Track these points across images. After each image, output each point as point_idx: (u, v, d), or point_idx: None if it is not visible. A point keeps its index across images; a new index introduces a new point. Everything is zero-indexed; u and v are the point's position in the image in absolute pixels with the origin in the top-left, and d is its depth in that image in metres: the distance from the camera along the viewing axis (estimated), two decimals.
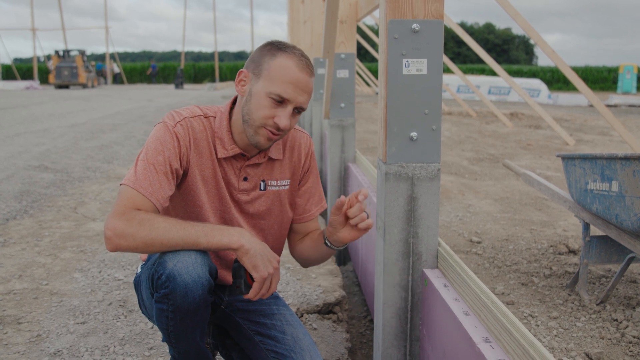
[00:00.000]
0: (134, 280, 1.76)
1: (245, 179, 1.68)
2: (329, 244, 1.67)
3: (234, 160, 1.66)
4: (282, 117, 1.53)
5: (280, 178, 1.74)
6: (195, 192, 1.63)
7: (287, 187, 1.76)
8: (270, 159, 1.71)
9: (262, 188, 1.71)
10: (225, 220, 1.69)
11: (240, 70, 1.62)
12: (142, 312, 1.77)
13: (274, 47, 1.57)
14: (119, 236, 1.41)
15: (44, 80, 38.18)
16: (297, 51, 1.57)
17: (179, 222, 1.45)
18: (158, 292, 1.46)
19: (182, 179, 1.62)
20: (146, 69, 45.06)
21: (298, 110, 1.57)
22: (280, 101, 1.53)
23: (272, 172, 1.73)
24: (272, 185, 1.73)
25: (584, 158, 2.52)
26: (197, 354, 1.61)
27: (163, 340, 1.58)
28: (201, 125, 1.62)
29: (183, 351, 1.58)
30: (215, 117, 1.65)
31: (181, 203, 1.66)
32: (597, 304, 2.52)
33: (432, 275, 1.70)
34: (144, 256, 1.78)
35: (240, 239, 1.45)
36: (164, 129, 1.57)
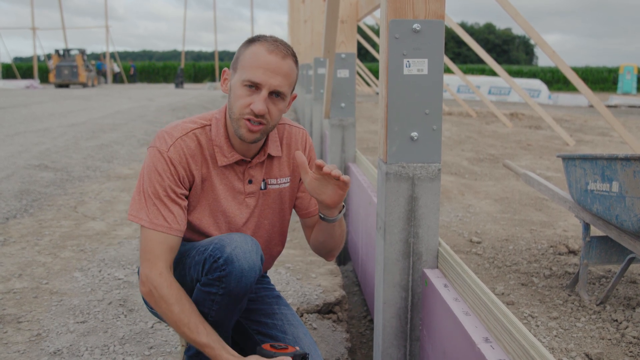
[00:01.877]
0: None
1: (250, 181, 1.68)
2: (322, 216, 1.66)
3: (236, 166, 1.66)
4: (257, 101, 1.52)
5: (279, 176, 1.74)
6: (195, 207, 1.64)
7: (288, 184, 1.76)
8: (269, 156, 1.71)
9: (262, 187, 1.71)
10: (231, 228, 1.68)
11: (224, 69, 1.64)
12: (151, 308, 1.76)
13: (249, 40, 1.59)
14: (144, 296, 1.55)
15: (44, 79, 38.14)
16: (270, 38, 1.57)
17: (191, 322, 1.48)
18: (211, 274, 1.49)
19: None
20: (145, 67, 45.26)
21: (276, 94, 1.55)
22: (254, 87, 1.53)
23: (272, 171, 1.73)
24: (273, 184, 1.73)
25: (585, 158, 2.52)
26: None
27: None
28: (195, 140, 1.61)
29: None
30: (210, 125, 1.64)
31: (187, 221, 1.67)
32: (597, 305, 2.52)
33: (433, 275, 1.70)
34: None
35: None
36: (157, 156, 1.57)
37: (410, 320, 1.78)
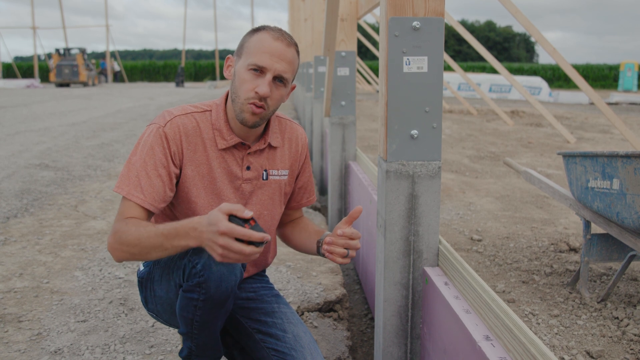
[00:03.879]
0: (139, 276, 1.75)
1: (248, 167, 1.70)
2: (321, 253, 1.74)
3: (235, 150, 1.68)
4: (262, 85, 1.55)
5: (281, 168, 1.77)
6: (189, 189, 1.64)
7: (286, 177, 1.80)
8: (270, 146, 1.74)
9: (264, 178, 1.74)
10: None
11: (228, 56, 1.68)
12: (148, 308, 1.76)
13: (254, 29, 1.64)
14: (112, 250, 1.51)
15: (44, 78, 38.20)
16: (275, 27, 1.62)
17: (147, 229, 1.45)
18: (191, 280, 1.47)
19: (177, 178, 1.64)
20: (146, 66, 45.38)
21: (280, 80, 1.59)
22: (259, 71, 1.56)
23: (274, 162, 1.75)
24: (274, 175, 1.76)
25: (585, 156, 2.51)
26: (214, 346, 1.63)
27: (181, 332, 1.59)
28: (194, 121, 1.64)
29: (202, 343, 1.60)
30: (211, 111, 1.68)
31: (176, 201, 1.67)
32: (598, 302, 2.52)
33: (433, 273, 1.70)
34: None
35: (194, 241, 1.39)
36: (153, 130, 1.60)
37: (410, 319, 1.78)
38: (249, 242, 1.34)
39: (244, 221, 1.36)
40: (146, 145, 1.58)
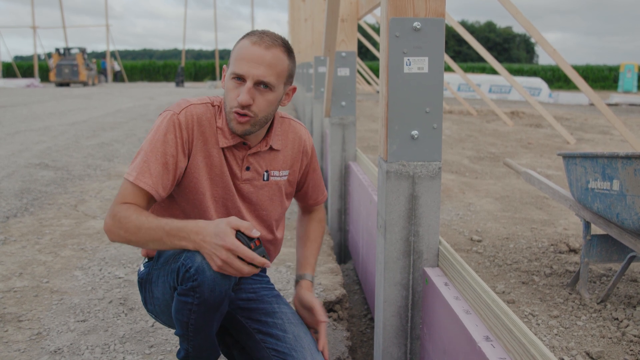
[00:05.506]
0: (139, 276, 1.76)
1: (247, 168, 1.70)
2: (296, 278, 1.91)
3: (236, 150, 1.68)
4: (241, 93, 1.56)
5: (281, 168, 1.78)
6: (198, 178, 1.65)
7: (287, 177, 1.80)
8: (272, 148, 1.74)
9: (265, 178, 1.74)
10: (228, 207, 1.70)
11: (224, 66, 1.70)
12: (148, 309, 1.76)
13: (242, 37, 1.63)
14: (108, 232, 1.53)
15: (44, 78, 38.18)
16: (259, 32, 1.61)
17: (149, 220, 1.48)
18: (184, 284, 1.47)
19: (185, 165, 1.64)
20: (146, 66, 45.43)
21: (264, 85, 1.57)
22: (240, 79, 1.57)
23: (275, 163, 1.76)
24: (275, 176, 1.77)
25: (585, 157, 2.52)
26: (210, 347, 1.63)
27: (177, 334, 1.59)
28: (208, 112, 1.66)
29: (198, 345, 1.60)
30: (220, 107, 1.69)
31: (183, 190, 1.67)
32: (597, 303, 2.52)
33: (433, 273, 1.70)
34: (143, 251, 1.79)
35: (193, 245, 1.44)
36: (167, 117, 1.61)
37: (410, 319, 1.78)
38: (249, 262, 1.38)
39: (249, 239, 1.39)
40: (159, 132, 1.59)
